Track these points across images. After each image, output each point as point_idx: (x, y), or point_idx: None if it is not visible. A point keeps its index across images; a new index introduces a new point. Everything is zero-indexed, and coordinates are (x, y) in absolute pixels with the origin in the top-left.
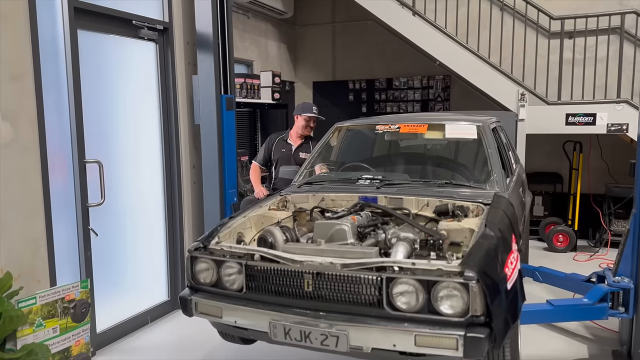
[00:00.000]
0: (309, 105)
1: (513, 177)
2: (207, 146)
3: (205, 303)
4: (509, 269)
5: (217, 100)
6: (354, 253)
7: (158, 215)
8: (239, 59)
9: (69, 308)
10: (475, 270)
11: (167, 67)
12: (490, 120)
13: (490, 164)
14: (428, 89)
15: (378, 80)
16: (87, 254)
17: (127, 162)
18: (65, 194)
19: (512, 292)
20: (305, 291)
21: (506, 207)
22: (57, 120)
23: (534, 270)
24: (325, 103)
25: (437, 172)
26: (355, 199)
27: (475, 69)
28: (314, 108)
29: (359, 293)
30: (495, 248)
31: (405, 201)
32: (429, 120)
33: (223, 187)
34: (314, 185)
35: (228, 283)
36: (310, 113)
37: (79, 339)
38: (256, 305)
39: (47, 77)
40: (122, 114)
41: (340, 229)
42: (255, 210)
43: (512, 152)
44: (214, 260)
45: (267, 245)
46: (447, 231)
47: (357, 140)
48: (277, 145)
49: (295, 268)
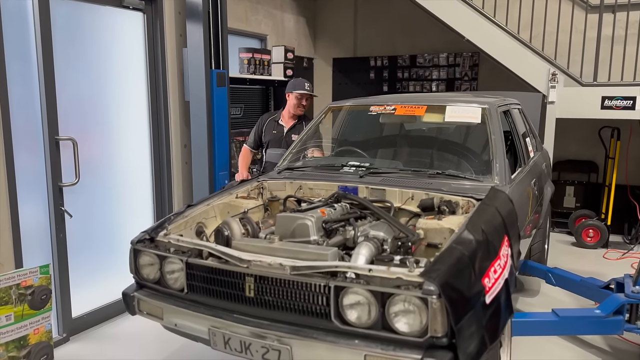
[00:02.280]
0: (301, 81)
1: (525, 167)
2: (196, 125)
3: (147, 302)
4: (490, 279)
5: (206, 75)
6: (308, 254)
7: (145, 196)
8: (250, 32)
9: (25, 295)
10: (437, 283)
11: (156, 39)
12: (501, 102)
13: (492, 152)
14: (454, 67)
15: (401, 57)
16: (59, 236)
17: (112, 140)
18: (35, 173)
19: (493, 306)
20: (246, 296)
21: (502, 204)
22: (24, 94)
23: (547, 271)
24: (345, 81)
25: (432, 160)
26: (335, 188)
27: (502, 44)
28: (306, 84)
29: (306, 302)
30: (471, 255)
31: (387, 193)
32: (429, 101)
33: (213, 169)
34: (294, 172)
35: (170, 281)
36: (302, 90)
37: (38, 327)
38: (197, 308)
39: (11, 46)
40: (105, 89)
41: (302, 224)
42: (222, 198)
43: (532, 138)
44: (157, 254)
45: (222, 239)
46: (424, 230)
47: (356, 122)
48: (267, 127)
49: (238, 269)
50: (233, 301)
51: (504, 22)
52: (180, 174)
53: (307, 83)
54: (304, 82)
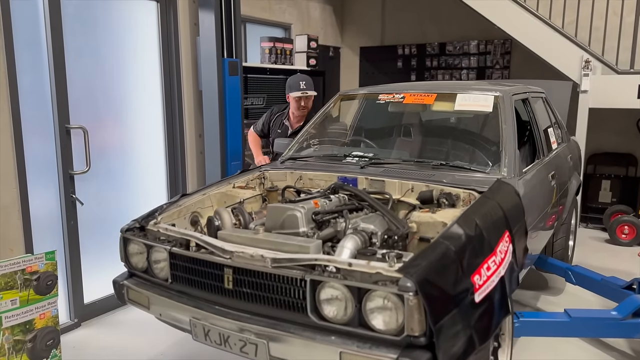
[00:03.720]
0: (296, 81)
1: (544, 158)
2: (208, 114)
3: (136, 290)
4: (481, 276)
5: (218, 64)
6: (291, 246)
7: (159, 185)
8: (274, 21)
9: (31, 280)
10: (414, 279)
11: (170, 28)
12: (517, 91)
13: (501, 143)
14: (485, 55)
15: (430, 45)
16: (70, 223)
17: (125, 129)
18: (46, 161)
19: (484, 305)
20: (225, 288)
21: (505, 197)
22: (35, 82)
23: (566, 269)
24: (372, 70)
25: (439, 150)
26: (335, 179)
27: (532, 31)
28: (301, 84)
29: (283, 295)
30: (458, 250)
31: (387, 184)
32: (439, 89)
33: (225, 159)
34: (297, 161)
35: (156, 270)
36: (297, 92)
37: (44, 312)
38: (180, 298)
39: (22, 35)
40: (118, 78)
41: (291, 215)
42: (219, 187)
43: (557, 129)
44: (144, 243)
45: (213, 229)
46: (417, 224)
47: (367, 111)
48: (275, 122)
49: (217, 260)
50: (213, 292)
51: (535, 7)
52: (195, 163)
53: (303, 82)
54: (300, 81)
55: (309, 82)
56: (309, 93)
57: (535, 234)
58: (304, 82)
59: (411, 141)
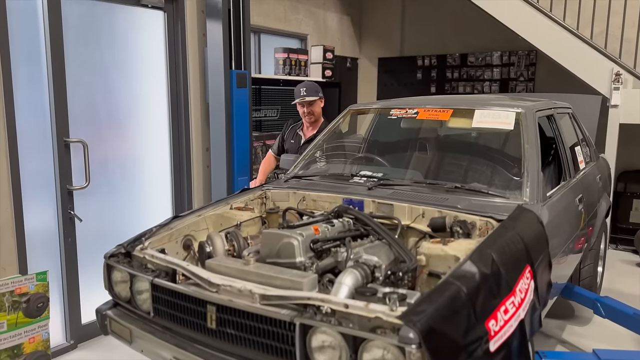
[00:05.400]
0: (298, 88)
1: (570, 180)
2: (215, 127)
3: (118, 322)
4: (498, 321)
5: (225, 76)
6: (283, 280)
7: (164, 201)
8: (290, 32)
9: (20, 302)
10: (417, 328)
11: (177, 39)
12: (542, 106)
13: (523, 164)
14: (509, 66)
15: (451, 56)
16: (67, 241)
17: (128, 143)
18: (44, 176)
19: (500, 354)
20: (208, 327)
21: (526, 226)
22: (33, 96)
23: (595, 300)
24: (390, 82)
25: (455, 172)
26: (340, 201)
27: (559, 42)
28: (302, 90)
29: (271, 340)
30: (471, 292)
31: (396, 208)
32: (456, 105)
33: (232, 174)
34: (302, 180)
35: (139, 302)
36: (297, 98)
37: (34, 336)
38: (163, 334)
39: (20, 46)
40: (122, 90)
41: (287, 243)
42: (215, 208)
43: (585, 147)
44: (127, 272)
45: (204, 256)
46: (426, 256)
47: (379, 126)
48: (288, 135)
49: (201, 296)
50: (196, 330)
51: (562, 17)
52: (201, 178)
53: (304, 88)
54: (301, 88)
55: (311, 88)
56: (307, 98)
57: (561, 261)
58: (305, 89)
59: (424, 161)
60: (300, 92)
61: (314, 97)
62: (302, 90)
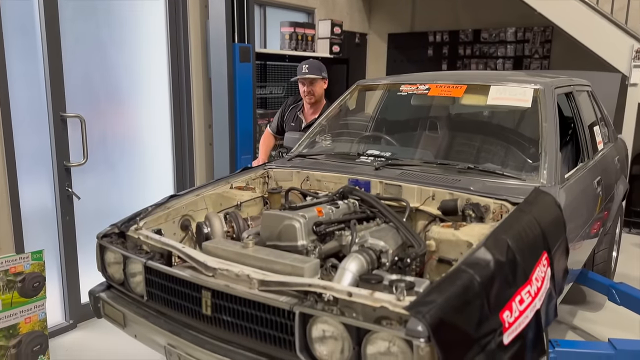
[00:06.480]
0: (301, 65)
1: (589, 161)
2: (217, 103)
3: (111, 305)
4: (513, 312)
5: (228, 50)
6: (283, 265)
7: (165, 179)
8: (296, 5)
9: (15, 282)
10: (426, 321)
11: (178, 11)
12: (561, 83)
13: (541, 144)
14: (523, 43)
15: (463, 32)
16: (65, 219)
17: (128, 119)
18: (39, 152)
19: (514, 347)
20: (203, 314)
21: (544, 210)
22: (27, 69)
23: (610, 286)
24: (400, 58)
25: (468, 151)
26: (345, 181)
27: (577, 17)
28: (304, 67)
29: (270, 329)
30: (485, 281)
31: (404, 190)
32: (470, 80)
33: (235, 152)
34: (306, 159)
35: (132, 285)
36: (299, 75)
37: (30, 316)
38: (157, 319)
39: (13, 19)
40: (121, 64)
41: (289, 225)
42: (215, 187)
43: (604, 127)
44: (121, 253)
45: (201, 237)
46: (436, 241)
47: (388, 103)
48: (288, 116)
49: (196, 280)
50: (191, 317)
51: None
52: (204, 156)
53: (307, 65)
54: (304, 64)
55: (314, 66)
56: (308, 75)
57: (577, 247)
58: (307, 66)
59: (435, 139)
60: (303, 68)
61: (316, 75)
62: (305, 67)
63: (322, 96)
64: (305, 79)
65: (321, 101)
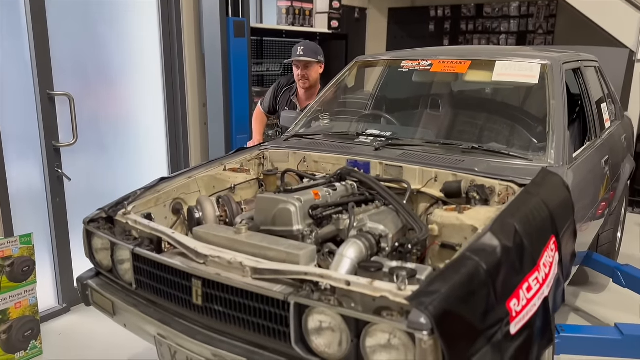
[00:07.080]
0: (296, 46)
1: (597, 140)
2: (211, 81)
3: (100, 293)
4: (520, 300)
5: (222, 24)
6: (278, 252)
7: (159, 159)
8: None
9: (3, 266)
10: (429, 312)
11: None
12: (568, 58)
13: (548, 122)
14: (527, 18)
15: (465, 7)
16: (55, 201)
17: (119, 97)
18: (26, 132)
19: (522, 336)
20: (194, 304)
21: (552, 192)
22: (11, 46)
23: (615, 268)
24: (401, 34)
25: (472, 131)
26: (343, 162)
27: None
28: (299, 49)
29: (264, 319)
30: (492, 269)
31: (406, 171)
32: (475, 56)
33: (230, 132)
34: (303, 139)
35: (121, 272)
36: (293, 57)
37: (21, 301)
38: (147, 308)
39: None
40: (110, 41)
41: (284, 209)
42: (209, 169)
43: (611, 104)
44: (109, 239)
45: (193, 222)
46: (439, 225)
47: (389, 80)
48: (282, 98)
49: (185, 268)
50: (182, 306)
51: None
52: (199, 136)
53: (302, 47)
54: (299, 46)
55: (309, 48)
56: (302, 58)
57: (584, 228)
58: (302, 47)
59: (438, 118)
60: (297, 50)
61: (311, 58)
62: (300, 48)
63: (317, 81)
64: (299, 61)
65: (316, 86)
